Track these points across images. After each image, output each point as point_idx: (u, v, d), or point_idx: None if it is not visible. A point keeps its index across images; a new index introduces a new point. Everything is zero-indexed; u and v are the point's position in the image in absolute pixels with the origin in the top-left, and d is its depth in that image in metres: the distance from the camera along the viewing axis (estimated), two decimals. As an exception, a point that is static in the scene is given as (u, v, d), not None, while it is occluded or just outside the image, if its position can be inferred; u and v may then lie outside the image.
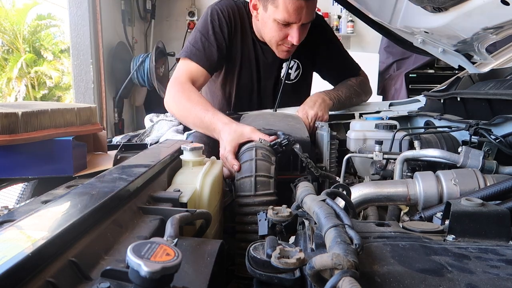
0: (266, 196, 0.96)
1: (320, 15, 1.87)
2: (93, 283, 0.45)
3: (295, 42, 1.55)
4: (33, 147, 0.83)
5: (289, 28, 1.54)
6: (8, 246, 0.43)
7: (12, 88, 11.45)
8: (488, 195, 0.81)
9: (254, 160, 1.01)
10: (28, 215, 0.53)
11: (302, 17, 1.49)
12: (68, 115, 0.93)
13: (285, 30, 1.54)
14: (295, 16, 1.48)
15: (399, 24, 1.56)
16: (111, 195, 0.62)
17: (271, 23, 1.55)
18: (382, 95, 5.09)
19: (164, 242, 0.45)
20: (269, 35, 1.61)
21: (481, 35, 1.33)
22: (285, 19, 1.49)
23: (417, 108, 1.97)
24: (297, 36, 1.53)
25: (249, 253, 0.55)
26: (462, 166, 1.00)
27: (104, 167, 0.91)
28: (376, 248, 0.54)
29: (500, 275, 0.47)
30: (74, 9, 3.81)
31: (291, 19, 1.49)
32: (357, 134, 1.41)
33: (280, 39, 1.59)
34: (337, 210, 0.58)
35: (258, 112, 1.69)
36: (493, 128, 1.17)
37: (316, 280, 0.44)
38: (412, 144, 1.30)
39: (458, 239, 0.59)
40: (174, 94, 1.49)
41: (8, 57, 11.99)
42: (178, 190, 0.79)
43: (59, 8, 12.27)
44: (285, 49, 1.63)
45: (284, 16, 1.48)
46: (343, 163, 1.24)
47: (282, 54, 1.67)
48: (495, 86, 1.34)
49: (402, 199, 0.92)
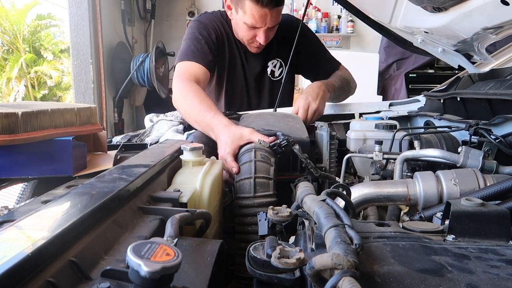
0: (265, 198, 0.97)
1: (299, 19, 1.97)
2: (93, 283, 0.45)
3: (262, 42, 1.72)
4: (33, 147, 0.83)
5: (257, 30, 1.68)
6: (8, 246, 0.43)
7: (11, 88, 11.44)
8: (488, 195, 0.81)
9: (253, 162, 1.01)
10: (28, 215, 0.53)
11: (267, 22, 1.64)
12: (68, 115, 0.93)
13: (253, 31, 1.69)
14: (261, 22, 1.63)
15: (399, 24, 1.56)
16: (111, 195, 0.62)
17: (241, 25, 1.69)
18: (382, 95, 5.09)
19: (164, 242, 0.45)
20: (241, 34, 1.77)
21: (481, 35, 1.33)
22: (252, 24, 1.64)
23: (417, 108, 1.97)
24: (264, 38, 1.69)
25: (249, 253, 0.55)
26: (462, 166, 1.00)
27: (104, 167, 0.91)
28: (376, 248, 0.54)
29: (500, 275, 0.47)
30: (74, 9, 3.81)
31: (257, 24, 1.64)
32: (357, 134, 1.41)
33: (250, 39, 1.74)
34: (337, 210, 0.58)
35: (258, 112, 1.69)
36: (493, 128, 1.17)
37: (316, 280, 0.44)
38: (412, 144, 1.30)
39: (458, 239, 0.59)
40: (183, 88, 1.51)
41: (8, 57, 11.98)
42: (178, 190, 0.79)
43: (59, 8, 12.27)
44: (256, 45, 1.78)
45: (251, 21, 1.63)
46: (343, 163, 1.24)
47: (254, 49, 1.82)
48: (495, 86, 1.34)
49: (402, 199, 0.92)
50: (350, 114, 1.89)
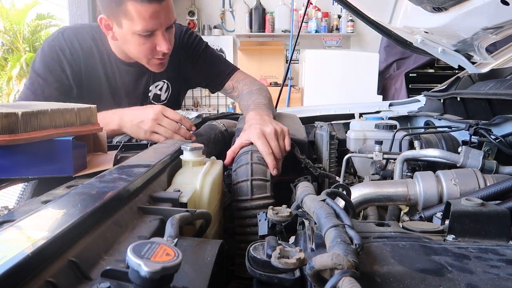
0: (263, 200, 0.97)
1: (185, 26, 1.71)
2: (93, 283, 0.45)
3: (165, 49, 1.39)
4: (33, 147, 0.82)
5: (154, 38, 1.38)
6: (8, 246, 0.43)
7: (12, 88, 11.44)
8: (488, 195, 0.81)
9: (250, 164, 1.01)
10: (28, 215, 0.53)
11: (162, 20, 1.36)
12: (68, 115, 0.93)
13: (151, 40, 1.38)
14: (154, 22, 1.33)
15: (398, 24, 1.56)
16: (111, 195, 0.62)
17: (132, 38, 1.37)
18: (382, 95, 5.10)
19: (164, 242, 0.45)
20: (135, 51, 1.42)
21: (481, 35, 1.33)
22: (144, 28, 1.33)
23: (417, 108, 1.97)
24: (165, 43, 1.38)
25: (249, 253, 0.55)
26: (462, 166, 1.00)
27: (104, 167, 0.91)
28: (376, 248, 0.54)
29: (500, 275, 0.47)
30: (74, 8, 3.81)
31: (150, 26, 1.34)
32: (357, 134, 1.42)
33: (149, 52, 1.41)
34: (337, 210, 0.58)
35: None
36: (493, 128, 1.17)
37: (316, 280, 0.44)
38: (412, 144, 1.30)
39: (458, 239, 0.59)
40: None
41: (8, 56, 11.98)
42: (178, 190, 0.79)
43: (59, 8, 12.26)
44: (157, 62, 1.46)
45: (143, 25, 1.32)
46: (343, 163, 1.25)
47: (156, 67, 1.49)
48: (495, 86, 1.34)
49: (402, 199, 0.92)
50: (350, 114, 1.90)
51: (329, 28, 5.80)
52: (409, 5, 1.44)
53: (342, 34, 5.76)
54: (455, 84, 1.74)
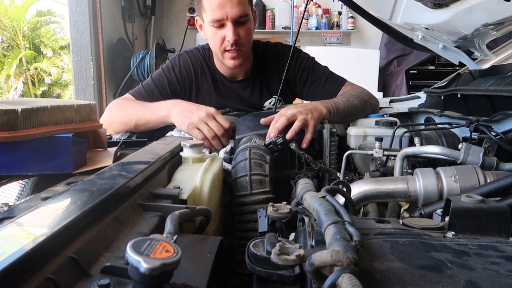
0: (262, 194, 0.97)
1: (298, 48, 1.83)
2: (93, 280, 0.45)
3: (230, 39, 1.51)
4: (33, 144, 0.82)
5: (223, 29, 1.53)
6: (8, 242, 0.43)
7: (10, 85, 11.43)
8: (488, 192, 0.81)
9: (248, 160, 1.02)
10: (28, 212, 0.53)
11: (228, 11, 1.49)
12: (68, 112, 0.93)
13: (221, 32, 1.54)
14: (221, 12, 1.49)
15: (399, 21, 1.55)
16: (111, 192, 0.62)
17: (209, 31, 1.57)
18: (383, 92, 5.08)
19: (164, 239, 0.45)
20: (212, 43, 1.60)
21: (481, 31, 1.33)
22: (214, 18, 1.50)
23: (418, 104, 1.97)
24: (231, 33, 1.51)
25: (249, 250, 0.55)
26: (463, 163, 1.00)
27: (104, 164, 0.91)
28: (376, 244, 0.54)
29: (500, 272, 0.47)
30: (74, 5, 3.80)
31: (217, 15, 1.49)
32: (357, 130, 1.41)
33: (220, 43, 1.56)
34: (337, 207, 0.58)
35: (256, 113, 1.69)
36: (493, 125, 1.17)
37: (316, 276, 0.44)
38: (412, 140, 1.30)
39: (458, 235, 0.59)
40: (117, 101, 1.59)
41: (8, 53, 11.96)
42: (178, 187, 0.79)
43: (59, 5, 12.23)
44: (230, 55, 1.59)
45: (212, 16, 1.50)
46: (343, 160, 1.24)
47: (231, 62, 1.61)
48: (496, 83, 1.34)
49: (402, 195, 0.92)
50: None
51: (330, 25, 5.77)
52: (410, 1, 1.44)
53: (342, 31, 5.74)
54: (455, 80, 1.74)
